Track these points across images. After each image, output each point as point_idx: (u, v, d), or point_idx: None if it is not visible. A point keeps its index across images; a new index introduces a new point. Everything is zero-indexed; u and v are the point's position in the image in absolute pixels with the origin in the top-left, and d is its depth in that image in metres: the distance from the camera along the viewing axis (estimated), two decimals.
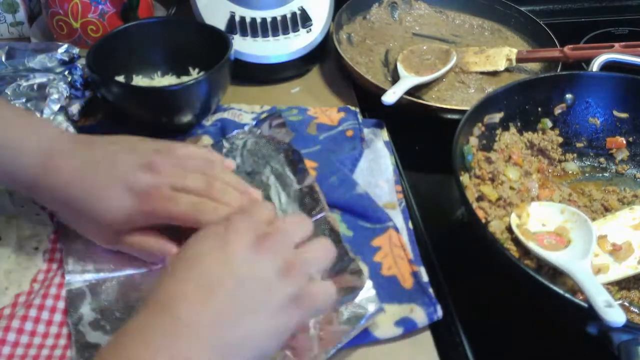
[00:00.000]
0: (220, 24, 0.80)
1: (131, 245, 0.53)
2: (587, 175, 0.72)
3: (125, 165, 0.52)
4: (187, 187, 0.51)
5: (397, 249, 0.59)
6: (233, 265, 0.42)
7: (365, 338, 0.52)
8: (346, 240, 0.59)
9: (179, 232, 0.52)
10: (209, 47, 0.74)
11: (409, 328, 0.53)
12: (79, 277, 0.55)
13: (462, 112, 0.66)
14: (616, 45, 0.82)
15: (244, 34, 0.81)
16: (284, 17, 0.82)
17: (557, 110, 0.72)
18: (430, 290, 0.55)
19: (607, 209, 0.66)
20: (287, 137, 0.69)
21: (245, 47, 0.81)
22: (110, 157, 0.52)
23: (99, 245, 0.56)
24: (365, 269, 0.56)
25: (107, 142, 0.55)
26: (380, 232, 0.60)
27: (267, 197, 0.61)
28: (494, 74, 0.86)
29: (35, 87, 0.71)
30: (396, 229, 0.61)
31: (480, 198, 0.64)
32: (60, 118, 0.71)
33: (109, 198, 0.51)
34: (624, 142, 0.72)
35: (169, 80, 0.78)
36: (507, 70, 0.87)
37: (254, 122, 0.72)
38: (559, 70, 0.83)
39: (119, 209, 0.51)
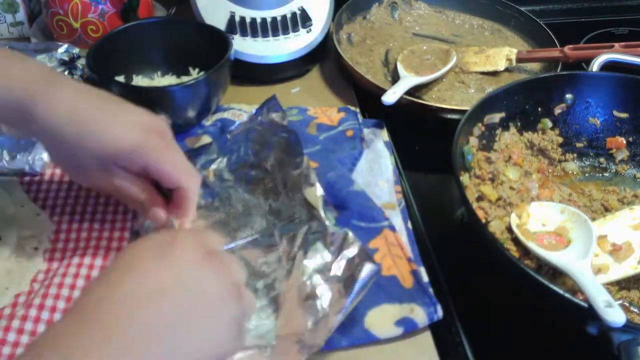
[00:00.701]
0: (220, 24, 0.80)
1: (119, 187, 0.52)
2: (587, 175, 0.72)
3: (135, 108, 0.53)
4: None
5: (394, 248, 0.59)
6: (179, 275, 0.39)
7: (365, 338, 0.52)
8: None
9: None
10: (209, 47, 0.74)
11: (409, 328, 0.53)
12: None
13: (462, 112, 0.66)
14: (616, 45, 0.82)
15: (244, 34, 0.81)
16: (284, 17, 0.82)
17: (557, 110, 0.72)
18: (431, 290, 0.55)
19: (607, 209, 0.66)
20: (285, 120, 0.68)
21: (245, 47, 0.81)
22: (117, 99, 0.54)
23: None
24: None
25: (100, 92, 0.54)
26: (376, 233, 0.60)
27: (274, 188, 0.61)
28: (494, 74, 0.86)
29: None
30: (392, 228, 0.61)
31: (480, 198, 0.64)
32: None
33: (121, 126, 0.50)
34: (624, 142, 0.72)
35: (169, 80, 0.78)
36: (507, 70, 0.87)
37: (254, 111, 0.71)
38: (559, 70, 0.83)
39: (128, 138, 0.50)
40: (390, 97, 0.72)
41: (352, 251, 0.53)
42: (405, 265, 0.57)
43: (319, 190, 0.60)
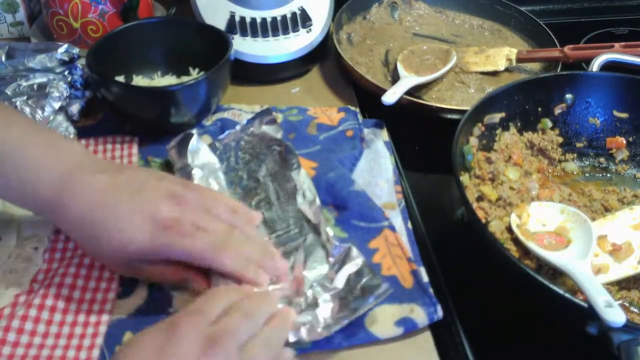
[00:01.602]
0: (220, 24, 0.80)
1: (152, 275, 0.53)
2: (587, 175, 0.72)
3: (151, 192, 0.51)
4: (208, 228, 0.50)
5: (394, 248, 0.59)
6: None
7: (365, 338, 0.52)
8: (341, 242, 0.59)
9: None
10: (209, 47, 0.74)
11: (409, 328, 0.53)
12: None
13: (462, 112, 0.66)
14: (616, 45, 0.82)
15: (244, 34, 0.81)
16: (284, 17, 0.82)
17: (557, 110, 0.72)
18: (431, 290, 0.55)
19: (607, 209, 0.66)
20: (278, 133, 0.68)
21: (245, 47, 0.81)
22: (135, 182, 0.52)
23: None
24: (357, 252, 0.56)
25: (134, 168, 0.54)
26: (376, 233, 0.60)
27: (267, 198, 0.61)
28: (494, 74, 0.86)
29: (35, 87, 0.71)
30: (391, 228, 0.61)
31: (480, 198, 0.64)
32: (60, 118, 0.71)
33: (130, 228, 0.49)
34: (624, 142, 0.72)
35: (169, 80, 0.78)
36: (507, 70, 0.87)
37: (245, 121, 0.71)
38: (559, 70, 0.83)
39: (138, 240, 0.49)
40: (390, 97, 0.72)
41: (354, 265, 0.54)
42: (406, 265, 0.57)
43: (317, 202, 0.60)
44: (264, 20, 0.81)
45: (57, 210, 0.51)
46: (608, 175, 0.72)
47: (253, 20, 0.81)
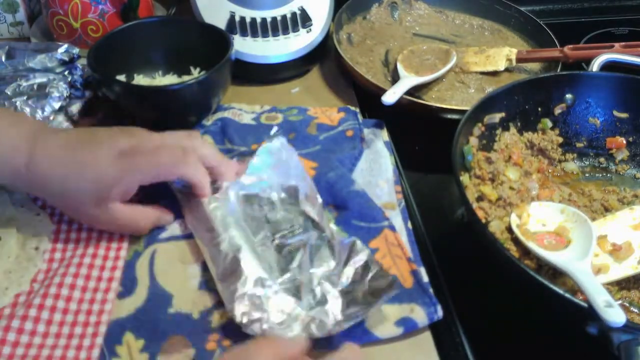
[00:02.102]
0: (220, 24, 0.80)
1: (125, 219, 0.57)
2: (587, 175, 0.72)
3: (108, 134, 0.56)
4: (165, 144, 0.57)
5: (394, 248, 0.59)
6: None
7: (365, 338, 0.52)
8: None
9: None
10: (210, 47, 0.74)
11: (409, 328, 0.53)
12: None
13: (462, 112, 0.66)
14: (616, 45, 0.82)
15: (244, 34, 0.81)
16: (284, 17, 0.82)
17: (557, 110, 0.72)
18: (431, 290, 0.55)
19: (607, 209, 0.66)
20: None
21: (246, 47, 0.81)
22: (93, 132, 0.57)
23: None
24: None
25: (84, 128, 0.60)
26: (376, 233, 0.60)
27: (269, 200, 0.61)
28: (494, 74, 0.86)
29: (35, 87, 0.71)
30: (392, 228, 0.61)
31: (480, 198, 0.64)
32: (61, 118, 0.71)
33: (95, 166, 0.53)
34: (624, 142, 0.72)
35: (170, 79, 0.78)
36: (507, 70, 0.87)
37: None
38: (559, 70, 0.83)
39: (105, 173, 0.53)
40: (390, 97, 0.72)
41: (360, 259, 0.54)
42: (405, 265, 0.57)
43: (319, 201, 0.60)
44: (264, 20, 0.81)
45: (26, 174, 0.54)
46: (608, 175, 0.72)
47: (253, 20, 0.81)
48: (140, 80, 0.77)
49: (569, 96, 0.71)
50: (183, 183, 0.61)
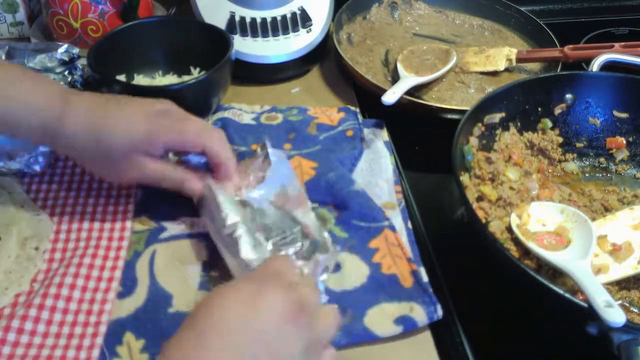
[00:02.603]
0: (221, 24, 0.80)
1: (153, 173, 0.58)
2: (587, 175, 0.72)
3: (139, 100, 0.58)
4: (193, 118, 0.59)
5: (394, 248, 0.59)
6: (266, 337, 0.39)
7: (364, 336, 0.52)
8: (341, 242, 0.59)
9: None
10: (210, 47, 0.74)
11: (408, 327, 0.53)
12: None
13: (462, 112, 0.66)
14: (616, 45, 0.82)
15: (244, 34, 0.81)
16: (284, 17, 0.82)
17: (557, 110, 0.72)
18: (431, 290, 0.55)
19: (607, 209, 0.66)
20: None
21: (245, 47, 0.81)
22: (123, 98, 0.59)
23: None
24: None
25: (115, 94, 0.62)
26: (376, 233, 0.60)
27: (259, 209, 0.60)
28: (494, 74, 0.86)
29: None
30: (392, 228, 0.61)
31: (480, 198, 0.64)
32: None
33: (128, 122, 0.56)
34: (624, 142, 0.72)
35: (170, 79, 0.78)
36: (507, 70, 0.87)
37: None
38: (559, 70, 0.83)
39: (136, 130, 0.55)
40: (390, 97, 0.72)
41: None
42: (406, 265, 0.57)
43: (309, 205, 0.60)
44: (264, 20, 0.81)
45: (57, 128, 0.55)
46: (608, 175, 0.72)
47: (253, 20, 0.81)
48: (140, 80, 0.77)
49: (569, 96, 0.71)
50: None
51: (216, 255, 0.57)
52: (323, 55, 0.89)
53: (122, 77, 0.76)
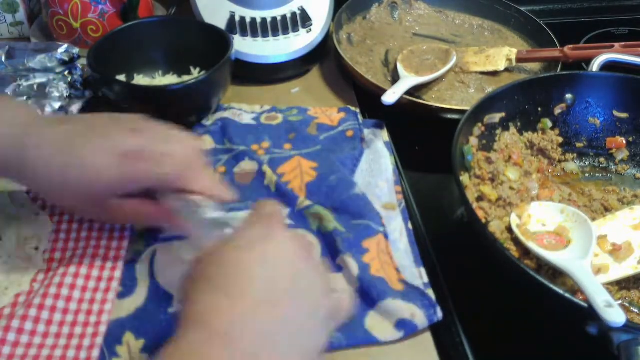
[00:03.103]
0: (221, 24, 0.80)
1: (121, 212, 0.53)
2: (587, 175, 0.72)
3: (113, 129, 0.52)
4: (173, 153, 0.52)
5: (383, 255, 0.59)
6: (288, 276, 0.39)
7: (365, 339, 0.52)
8: (338, 235, 0.59)
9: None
10: (210, 47, 0.74)
11: (409, 330, 0.53)
12: None
13: (462, 112, 0.66)
14: (616, 45, 0.82)
15: (244, 34, 0.81)
16: (284, 17, 0.82)
17: (557, 110, 0.72)
18: (430, 292, 0.55)
19: (607, 209, 0.66)
20: None
21: (245, 47, 0.81)
22: (94, 126, 0.53)
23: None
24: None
25: (88, 116, 0.55)
26: (372, 234, 0.60)
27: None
28: (494, 74, 0.86)
29: (35, 87, 0.71)
30: (385, 236, 0.60)
31: (480, 198, 0.64)
32: None
33: (97, 163, 0.50)
34: (624, 142, 0.72)
35: (170, 79, 0.78)
36: (507, 70, 0.87)
37: None
38: (559, 70, 0.83)
39: (107, 174, 0.50)
40: (390, 97, 0.72)
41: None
42: (394, 273, 0.57)
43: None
44: (264, 20, 0.81)
45: (17, 168, 0.51)
46: (608, 175, 0.72)
47: (253, 20, 0.81)
48: (140, 80, 0.77)
49: (569, 96, 0.71)
50: None
51: None
52: (323, 55, 0.89)
53: (122, 77, 0.76)
